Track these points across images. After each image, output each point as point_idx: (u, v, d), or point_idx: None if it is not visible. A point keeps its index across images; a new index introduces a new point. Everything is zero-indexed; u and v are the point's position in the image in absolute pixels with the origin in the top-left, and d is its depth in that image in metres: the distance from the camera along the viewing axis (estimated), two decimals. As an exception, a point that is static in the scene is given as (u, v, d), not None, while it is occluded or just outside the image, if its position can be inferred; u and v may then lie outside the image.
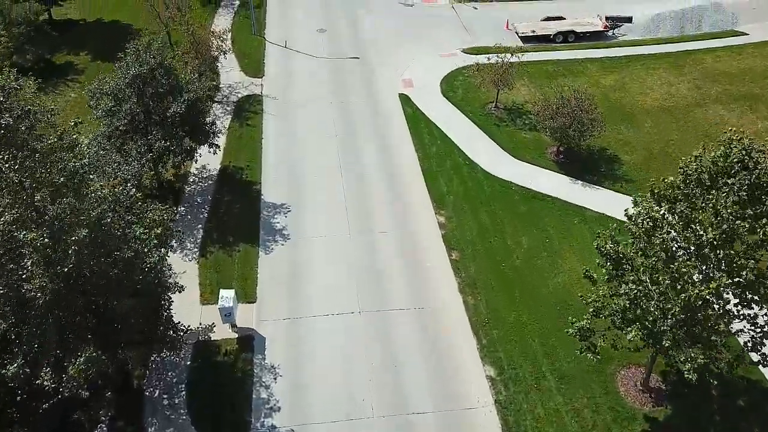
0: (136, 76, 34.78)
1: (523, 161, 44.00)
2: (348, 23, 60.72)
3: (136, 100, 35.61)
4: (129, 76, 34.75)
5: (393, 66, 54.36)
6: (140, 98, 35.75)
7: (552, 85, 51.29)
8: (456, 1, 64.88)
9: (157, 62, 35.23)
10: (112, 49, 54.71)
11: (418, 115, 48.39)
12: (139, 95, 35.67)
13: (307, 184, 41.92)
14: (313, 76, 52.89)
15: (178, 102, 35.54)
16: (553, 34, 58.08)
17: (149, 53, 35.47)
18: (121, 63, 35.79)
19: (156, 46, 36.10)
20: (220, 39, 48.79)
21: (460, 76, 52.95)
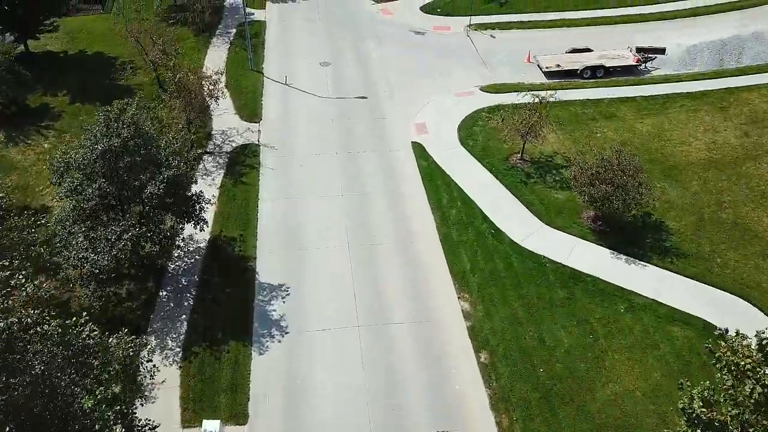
0: (106, 150, 28.41)
1: (555, 229, 37.65)
2: (354, 55, 54.30)
3: (107, 176, 29.27)
4: (97, 151, 28.38)
5: (404, 107, 48.00)
6: (112, 174, 29.41)
7: (583, 132, 44.96)
8: (471, 28, 58.34)
9: (131, 133, 28.83)
10: (95, 88, 48.82)
11: (434, 170, 42.03)
12: (110, 171, 29.33)
13: (309, 260, 35.62)
14: (316, 121, 46.51)
15: (156, 181, 29.18)
16: (580, 69, 51.59)
17: (121, 123, 29.09)
18: (88, 134, 29.41)
19: (131, 112, 29.71)
20: (213, 84, 42.36)
21: (479, 120, 46.53)
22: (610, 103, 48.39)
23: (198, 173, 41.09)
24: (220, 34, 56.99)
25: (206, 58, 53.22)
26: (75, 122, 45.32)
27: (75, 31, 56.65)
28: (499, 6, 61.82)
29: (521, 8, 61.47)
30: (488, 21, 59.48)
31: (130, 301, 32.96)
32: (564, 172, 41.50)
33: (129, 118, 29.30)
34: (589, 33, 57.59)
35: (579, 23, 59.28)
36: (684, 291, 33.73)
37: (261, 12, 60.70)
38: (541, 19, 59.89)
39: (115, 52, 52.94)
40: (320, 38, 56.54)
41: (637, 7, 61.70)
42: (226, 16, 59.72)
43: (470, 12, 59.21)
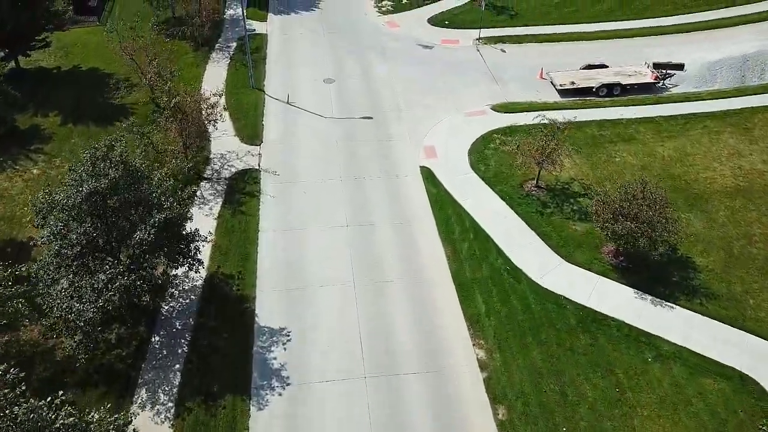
0: (93, 192, 25.79)
1: (575, 265, 34.98)
2: (359, 71, 51.60)
3: (94, 219, 26.68)
4: (82, 194, 25.76)
5: (412, 128, 45.34)
6: (99, 216, 26.82)
7: (601, 156, 42.29)
8: (480, 42, 55.60)
9: (119, 173, 26.20)
10: (88, 107, 46.21)
11: (445, 198, 39.36)
12: (96, 213, 26.72)
13: (312, 299, 33.00)
14: (320, 143, 43.86)
15: (146, 225, 26.54)
16: (596, 87, 48.86)
17: (109, 162, 26.47)
18: (73, 174, 26.77)
19: (119, 149, 27.08)
20: (211, 107, 39.71)
21: (491, 143, 43.84)
22: (628, 124, 45.68)
23: (195, 202, 38.50)
24: (220, 48, 54.31)
25: (205, 75, 50.61)
26: (66, 145, 42.75)
27: (69, 45, 54.01)
28: (510, 18, 59.08)
29: (532, 21, 58.77)
30: (498, 34, 56.81)
31: (120, 348, 30.36)
32: (582, 201, 38.85)
33: (117, 156, 26.65)
34: (603, 47, 54.92)
35: (592, 36, 56.59)
36: (716, 337, 31.09)
37: (262, 24, 58.05)
38: (552, 32, 57.17)
39: (110, 68, 50.31)
40: (324, 53, 53.87)
41: (654, 19, 58.93)
42: (227, 28, 57.08)
43: (479, 24, 56.50)
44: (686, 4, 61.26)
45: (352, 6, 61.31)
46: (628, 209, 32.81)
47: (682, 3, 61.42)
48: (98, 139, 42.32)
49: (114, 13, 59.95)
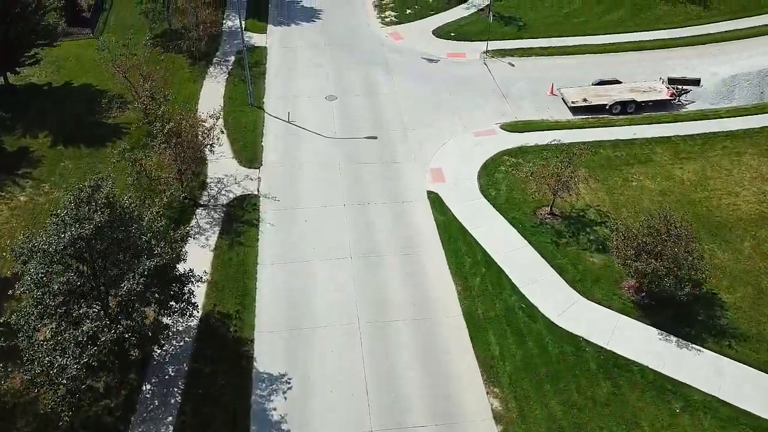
0: (76, 239, 23.44)
1: (593, 302, 32.67)
2: (363, 87, 49.22)
3: (77, 267, 24.35)
4: (65, 240, 23.42)
5: (418, 149, 43.00)
6: (83, 263, 24.49)
7: (617, 179, 39.96)
8: (488, 55, 53.20)
9: (105, 218, 23.83)
10: (80, 128, 43.84)
11: (454, 227, 37.02)
12: (80, 260, 24.40)
13: (314, 342, 30.70)
14: (322, 165, 41.52)
15: (135, 273, 24.20)
16: (609, 104, 46.49)
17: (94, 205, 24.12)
18: (55, 219, 24.40)
19: (106, 190, 24.71)
20: (208, 130, 37.36)
21: (501, 165, 41.50)
22: (644, 145, 43.33)
23: (190, 232, 36.16)
24: (218, 62, 51.92)
25: (202, 92, 48.25)
26: (56, 169, 40.45)
27: (61, 59, 51.63)
28: (517, 29, 56.68)
29: (541, 32, 56.36)
30: (506, 47, 54.39)
31: (108, 398, 28.03)
32: (599, 230, 36.54)
33: (103, 198, 24.26)
34: (614, 60, 52.60)
35: (603, 49, 54.21)
36: (748, 384, 28.79)
37: (261, 36, 55.65)
38: (562, 44, 54.76)
39: (104, 84, 47.90)
40: (326, 67, 51.47)
41: (665, 30, 56.51)
42: (225, 41, 54.69)
43: (486, 36, 54.10)
44: (698, 15, 58.90)
45: (354, 17, 58.90)
46: (651, 245, 30.47)
47: (695, 13, 59.04)
48: (89, 162, 40.85)
49: (109, 24, 57.64)
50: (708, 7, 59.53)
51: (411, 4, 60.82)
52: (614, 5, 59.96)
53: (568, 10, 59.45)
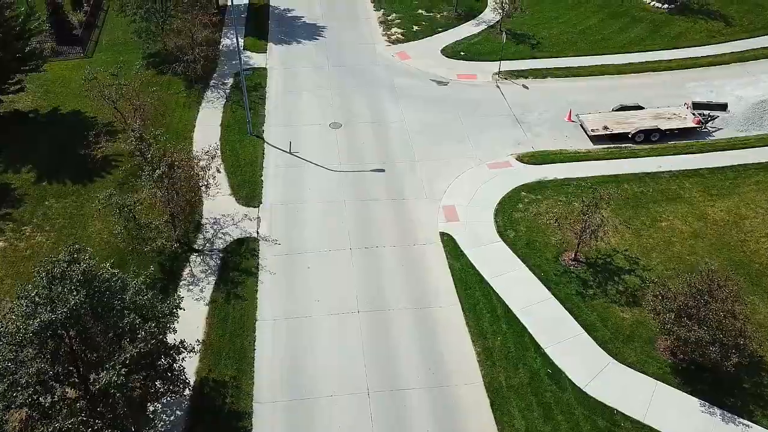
0: (47, 325, 20.08)
1: (627, 365, 29.32)
2: (368, 113, 45.83)
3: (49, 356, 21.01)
4: (34, 326, 20.06)
5: (429, 183, 39.63)
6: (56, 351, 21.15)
7: (644, 219, 36.62)
8: (500, 77, 49.76)
9: (81, 300, 20.46)
10: (67, 161, 40.45)
11: (470, 275, 33.66)
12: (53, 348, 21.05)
13: (319, 416, 27.40)
14: (327, 202, 38.16)
15: (115, 362, 20.84)
16: (632, 132, 43.08)
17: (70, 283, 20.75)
18: (24, 301, 21.00)
19: (83, 265, 21.32)
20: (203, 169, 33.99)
21: (519, 202, 38.12)
22: (671, 179, 39.93)
23: (183, 282, 32.86)
24: (215, 85, 48.49)
25: (198, 119, 44.85)
26: (39, 209, 37.13)
27: (49, 82, 48.20)
28: (531, 48, 53.22)
29: (556, 51, 52.96)
30: (519, 67, 50.95)
31: (90, 486, 24.63)
32: (627, 279, 33.20)
33: (80, 275, 20.87)
34: (633, 82, 49.28)
35: (622, 70, 50.81)
36: (805, 469, 25.42)
37: (261, 57, 52.18)
38: (579, 64, 51.33)
39: (93, 111, 44.43)
40: (329, 91, 48.05)
41: (687, 49, 53.08)
42: (222, 61, 51.25)
43: (499, 56, 50.68)
44: (719, 31, 55.53)
45: (359, 34, 55.44)
46: (693, 308, 27.10)
47: (715, 30, 55.66)
48: (75, 201, 37.46)
49: (100, 43, 54.21)
50: (729, 23, 56.17)
51: (418, 20, 57.39)
52: (631, 22, 56.54)
53: (583, 27, 56.03)
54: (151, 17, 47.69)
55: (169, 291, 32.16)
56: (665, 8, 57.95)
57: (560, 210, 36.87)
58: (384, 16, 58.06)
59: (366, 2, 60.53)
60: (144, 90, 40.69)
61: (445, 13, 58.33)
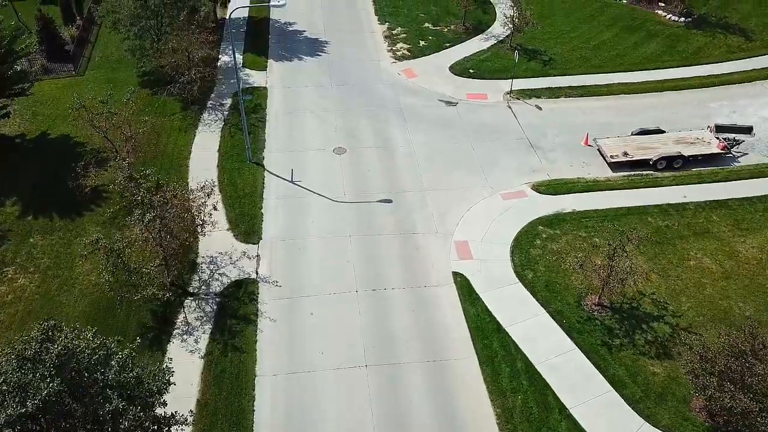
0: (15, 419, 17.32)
1: (660, 429, 26.53)
2: (374, 137, 43.04)
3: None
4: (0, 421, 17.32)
5: (439, 216, 36.88)
6: None
7: (671, 257, 33.84)
8: (512, 96, 46.95)
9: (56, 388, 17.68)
10: (54, 193, 37.70)
11: (487, 323, 30.94)
12: None
13: (326, 491, 24.59)
14: (331, 238, 35.42)
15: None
16: (654, 159, 40.29)
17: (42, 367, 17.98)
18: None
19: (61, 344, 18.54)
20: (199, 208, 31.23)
21: (536, 238, 35.35)
22: (697, 211, 37.17)
23: (177, 331, 30.13)
24: (213, 107, 45.67)
25: (194, 144, 42.07)
26: (23, 248, 34.41)
27: (39, 103, 45.43)
28: (543, 65, 50.39)
29: (569, 68, 50.12)
30: (531, 86, 48.14)
31: None
32: (657, 327, 30.49)
33: (55, 357, 18.09)
34: (652, 102, 46.51)
35: (640, 88, 48.00)
36: None
37: (261, 75, 49.34)
38: (594, 83, 48.52)
39: (83, 136, 41.68)
40: (333, 112, 45.23)
41: (707, 65, 50.27)
42: (221, 80, 48.43)
43: (509, 74, 47.90)
44: (740, 47, 52.71)
45: (363, 50, 52.59)
46: (737, 371, 24.34)
47: (736, 45, 52.85)
48: (62, 238, 34.73)
49: (93, 59, 51.41)
50: (750, 38, 53.36)
51: (425, 34, 54.53)
52: (647, 36, 53.70)
53: (597, 42, 53.18)
54: (145, 35, 44.87)
55: (162, 341, 29.49)
56: (682, 22, 55.08)
57: (580, 245, 34.24)
58: (389, 30, 55.20)
59: (370, 15, 57.66)
60: (136, 119, 37.79)
61: (453, 26, 55.46)
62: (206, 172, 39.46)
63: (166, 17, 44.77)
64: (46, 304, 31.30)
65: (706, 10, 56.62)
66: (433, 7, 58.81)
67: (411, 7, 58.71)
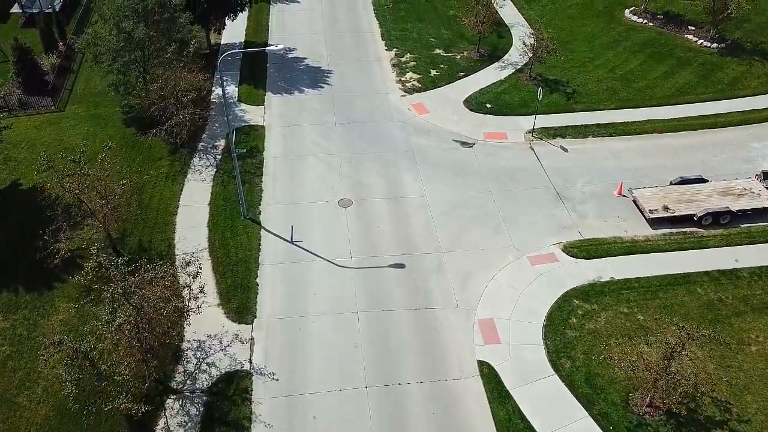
0: None
1: None
2: (383, 186, 37.83)
3: None
4: None
5: (459, 285, 31.78)
6: None
7: (729, 340, 28.42)
8: (534, 136, 41.63)
9: None
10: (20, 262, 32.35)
11: (520, 430, 25.60)
12: None
13: None
14: (336, 315, 30.29)
15: None
16: (699, 215, 35.00)
17: None
18: None
19: None
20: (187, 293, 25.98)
21: (572, 315, 30.17)
22: (753, 280, 31.95)
23: (156, 443, 24.87)
24: (204, 149, 40.38)
25: (182, 196, 36.89)
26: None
27: (12, 144, 40.13)
28: (566, 99, 45.08)
29: (595, 102, 44.91)
30: (555, 123, 42.88)
31: None
32: (722, 437, 25.18)
33: None
34: (689, 142, 41.50)
35: (675, 126, 42.84)
36: None
37: (258, 111, 44.04)
38: (622, 120, 43.31)
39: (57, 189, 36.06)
40: (338, 156, 40.02)
41: (745, 98, 44.96)
42: (213, 117, 43.08)
43: (530, 108, 42.74)
44: (781, 75, 47.33)
45: (369, 81, 47.26)
46: None
47: (776, 73, 47.46)
48: (26, 318, 29.90)
49: (75, 92, 46.09)
50: (790, 66, 47.98)
51: (436, 62, 49.19)
52: (678, 65, 48.38)
53: (624, 72, 47.86)
54: (129, 69, 39.53)
55: (137, 460, 24.24)
56: (714, 48, 49.74)
57: (622, 324, 29.26)
58: (397, 57, 49.83)
59: (377, 40, 52.34)
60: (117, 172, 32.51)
61: (466, 53, 50.12)
62: (195, 232, 34.26)
63: (153, 50, 39.39)
64: (2, 407, 26.04)
65: (740, 34, 51.22)
66: (444, 30, 53.46)
67: (420, 31, 53.37)
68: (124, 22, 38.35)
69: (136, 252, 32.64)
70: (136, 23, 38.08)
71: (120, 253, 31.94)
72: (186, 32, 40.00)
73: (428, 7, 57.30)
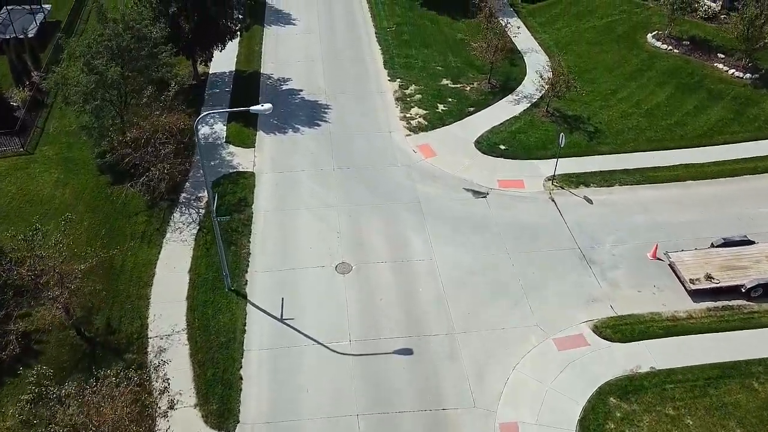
0: None
1: None
2: (387, 246, 32.80)
3: None
4: None
5: (476, 379, 26.80)
6: None
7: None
8: (554, 184, 36.51)
9: None
10: None
11: None
12: None
13: None
14: (333, 420, 25.23)
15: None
16: (748, 286, 29.91)
17: None
18: None
19: None
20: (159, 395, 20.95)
21: (608, 419, 25.27)
22: (818, 372, 26.77)
23: None
24: (186, 202, 35.35)
25: (159, 262, 31.82)
26: None
27: (-28, 196, 34.95)
28: (588, 138, 39.98)
29: (619, 143, 39.91)
30: (577, 169, 37.85)
31: None
32: None
33: None
34: (728, 190, 36.59)
35: (709, 172, 37.83)
36: None
37: (247, 153, 38.97)
38: (651, 164, 38.25)
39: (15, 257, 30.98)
40: (336, 209, 34.98)
41: (788, 139, 39.81)
42: (196, 163, 37.85)
43: (549, 150, 37.80)
44: (823, 109, 42.12)
45: (370, 117, 42.21)
46: None
47: (818, 107, 42.24)
48: None
49: (47, 130, 40.99)
50: (833, 100, 42.74)
51: (443, 95, 44.07)
52: (708, 98, 43.24)
53: (650, 106, 42.70)
54: (103, 112, 34.45)
55: None
56: (747, 79, 44.55)
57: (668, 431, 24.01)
58: (401, 89, 44.67)
59: (379, 69, 47.19)
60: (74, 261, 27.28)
61: (476, 84, 44.98)
62: (172, 308, 29.28)
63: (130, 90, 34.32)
64: None
65: (775, 63, 46.07)
66: (452, 57, 48.28)
67: (426, 58, 48.18)
68: (97, 59, 33.24)
69: (103, 334, 27.67)
70: (108, 62, 32.93)
71: (84, 334, 27.05)
72: (166, 71, 34.82)
73: (434, 30, 52.12)
